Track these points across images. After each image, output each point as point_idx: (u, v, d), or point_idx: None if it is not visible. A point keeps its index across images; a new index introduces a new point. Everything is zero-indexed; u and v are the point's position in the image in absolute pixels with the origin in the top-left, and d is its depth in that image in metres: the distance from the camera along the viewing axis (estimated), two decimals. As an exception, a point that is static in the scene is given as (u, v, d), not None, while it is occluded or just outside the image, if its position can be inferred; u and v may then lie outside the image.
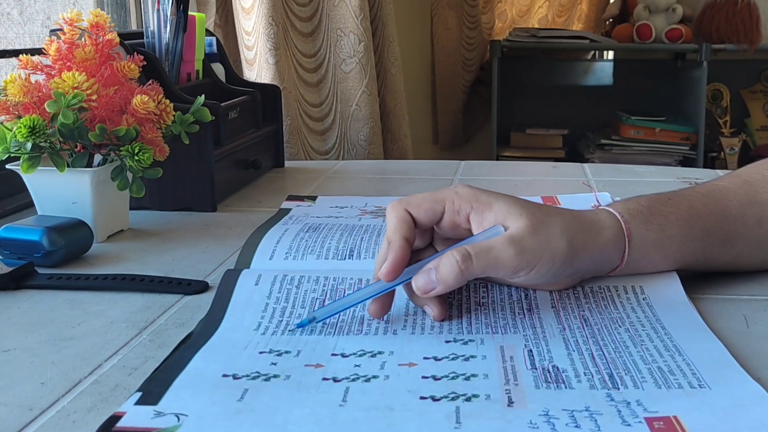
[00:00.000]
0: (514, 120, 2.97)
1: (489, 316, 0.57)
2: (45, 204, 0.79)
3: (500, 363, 0.49)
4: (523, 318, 0.56)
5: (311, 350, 0.52)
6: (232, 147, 0.99)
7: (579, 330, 0.54)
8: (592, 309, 0.58)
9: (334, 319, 0.57)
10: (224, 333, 0.55)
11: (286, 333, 0.54)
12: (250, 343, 0.53)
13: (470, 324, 0.56)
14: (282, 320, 0.57)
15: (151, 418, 0.43)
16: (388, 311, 0.57)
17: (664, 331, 0.54)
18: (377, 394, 0.45)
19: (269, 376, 0.48)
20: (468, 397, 0.45)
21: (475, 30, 2.80)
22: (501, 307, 0.58)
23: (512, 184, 1.06)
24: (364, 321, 0.56)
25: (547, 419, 0.42)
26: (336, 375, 0.48)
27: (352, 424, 0.42)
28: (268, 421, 0.42)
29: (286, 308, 0.59)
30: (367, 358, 0.50)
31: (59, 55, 0.77)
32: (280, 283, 0.62)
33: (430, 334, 0.54)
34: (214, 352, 0.51)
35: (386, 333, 0.55)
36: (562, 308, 0.58)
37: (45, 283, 0.66)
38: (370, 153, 1.59)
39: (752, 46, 2.68)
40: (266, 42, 1.39)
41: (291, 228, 0.77)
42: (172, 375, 0.48)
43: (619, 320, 0.56)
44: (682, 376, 0.47)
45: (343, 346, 0.52)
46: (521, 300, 0.59)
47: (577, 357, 0.50)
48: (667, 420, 0.42)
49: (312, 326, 0.55)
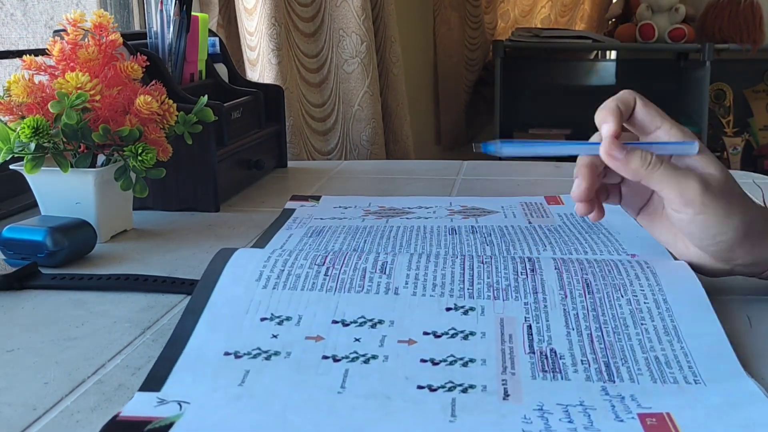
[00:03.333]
0: (517, 120, 2.96)
1: (491, 275, 0.57)
2: (48, 204, 0.79)
3: (499, 344, 0.50)
4: (525, 279, 0.57)
5: (312, 315, 0.52)
6: (235, 147, 0.99)
7: (580, 297, 0.54)
8: (595, 273, 0.58)
9: (336, 271, 0.57)
10: (224, 287, 0.56)
11: (288, 288, 0.55)
12: (252, 303, 0.53)
13: (472, 285, 0.56)
14: (284, 270, 0.57)
15: (154, 407, 0.43)
16: (593, 209, 0.60)
17: (665, 306, 0.54)
18: (376, 379, 0.46)
19: (270, 353, 0.49)
20: (464, 388, 0.45)
21: (478, 30, 2.80)
22: (504, 266, 0.58)
23: (515, 183, 1.06)
24: (366, 275, 0.57)
25: (541, 414, 0.43)
26: (336, 353, 0.49)
27: (350, 413, 0.43)
28: (268, 407, 0.43)
29: (288, 260, 0.59)
30: (367, 328, 0.51)
31: (63, 56, 0.78)
32: (281, 251, 0.63)
33: (431, 296, 0.55)
34: (216, 317, 0.52)
35: (388, 292, 0.55)
36: (565, 270, 0.58)
37: (48, 283, 0.66)
38: (373, 153, 1.60)
39: (755, 45, 2.68)
40: (269, 42, 1.39)
41: (295, 233, 0.78)
42: (176, 352, 0.49)
43: (621, 287, 0.56)
44: (678, 369, 0.47)
45: (344, 308, 0.53)
46: (524, 261, 0.59)
47: (575, 338, 0.50)
48: (659, 417, 0.42)
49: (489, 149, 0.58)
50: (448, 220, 0.82)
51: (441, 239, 0.74)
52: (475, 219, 0.82)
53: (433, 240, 0.74)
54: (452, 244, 0.73)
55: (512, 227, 0.78)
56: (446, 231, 0.77)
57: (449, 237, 0.75)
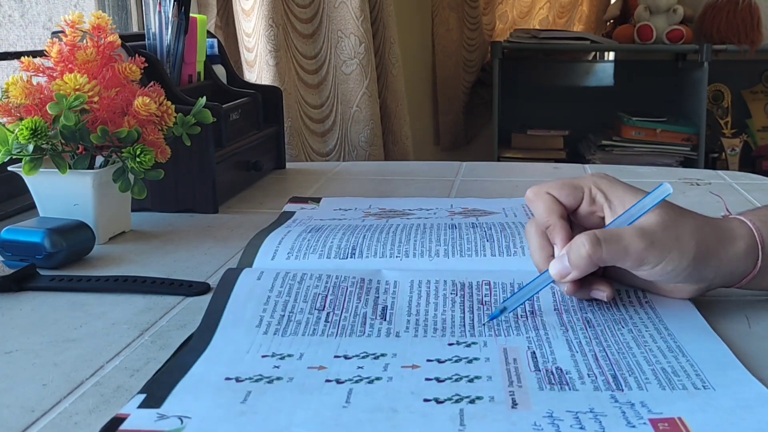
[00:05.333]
0: (516, 121, 2.96)
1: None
2: (47, 206, 0.79)
3: (503, 365, 0.49)
4: (525, 320, 0.56)
5: (314, 353, 0.51)
6: (233, 149, 0.99)
7: (582, 331, 0.54)
8: (594, 310, 0.58)
9: (336, 317, 0.57)
10: (226, 331, 0.55)
11: (289, 334, 0.54)
12: (253, 345, 0.53)
13: (473, 327, 0.55)
14: (284, 315, 0.57)
15: (155, 421, 0.43)
16: (581, 285, 0.58)
17: (667, 332, 0.54)
18: (381, 395, 0.45)
19: (272, 378, 0.48)
20: (472, 399, 0.44)
21: (476, 31, 2.80)
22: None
23: (513, 185, 1.06)
24: (366, 321, 0.56)
25: (552, 421, 0.42)
26: (339, 377, 0.48)
27: (356, 426, 0.42)
28: (272, 423, 0.42)
29: (288, 302, 0.59)
30: (370, 360, 0.50)
31: (61, 57, 0.78)
32: (282, 279, 0.62)
33: (433, 337, 0.54)
34: (217, 355, 0.51)
35: (389, 335, 0.54)
36: (564, 310, 0.58)
37: (47, 284, 0.66)
38: (371, 154, 1.59)
39: (753, 46, 2.68)
40: (266, 44, 1.39)
41: (294, 229, 0.78)
42: (175, 378, 0.48)
43: (622, 321, 0.56)
44: (686, 377, 0.47)
45: (346, 348, 0.52)
46: (524, 304, 0.59)
47: (580, 358, 0.50)
48: (671, 421, 0.42)
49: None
50: (448, 220, 0.82)
51: (441, 235, 0.73)
52: (476, 219, 0.82)
53: (432, 236, 0.73)
54: (452, 240, 0.72)
55: (513, 224, 0.78)
56: (446, 227, 0.76)
57: (449, 231, 0.74)
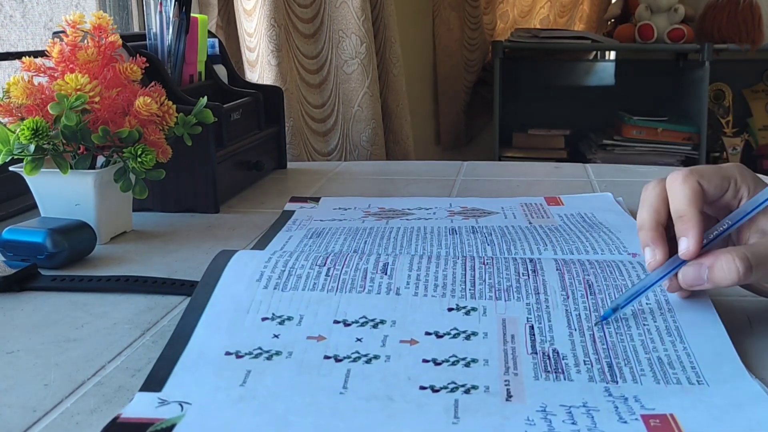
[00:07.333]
0: (516, 120, 2.96)
1: (493, 276, 0.57)
2: (48, 206, 0.79)
3: (501, 345, 0.50)
4: (527, 279, 0.57)
5: (313, 315, 0.52)
6: (234, 148, 0.99)
7: (582, 298, 0.55)
8: (597, 274, 0.58)
9: (337, 272, 0.57)
10: (226, 287, 0.56)
11: (289, 288, 0.55)
12: (253, 303, 0.53)
13: (474, 286, 0.56)
14: (284, 270, 0.57)
15: (155, 407, 0.43)
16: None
17: (668, 306, 0.54)
18: (378, 379, 0.46)
19: (271, 353, 0.49)
20: (467, 389, 0.45)
21: (477, 30, 2.80)
22: (506, 267, 0.58)
23: (515, 184, 1.06)
24: (367, 276, 0.57)
25: (545, 416, 0.42)
26: (337, 352, 0.49)
27: (352, 415, 0.43)
28: (270, 409, 0.43)
29: (289, 261, 0.59)
30: (368, 329, 0.51)
31: (62, 57, 0.78)
32: (281, 252, 0.63)
33: (433, 297, 0.55)
34: (217, 316, 0.52)
35: (389, 292, 0.55)
36: (566, 271, 0.58)
37: (48, 284, 0.66)
38: (373, 154, 1.60)
39: (754, 45, 2.68)
40: (268, 43, 1.39)
41: (295, 234, 0.78)
42: (177, 352, 0.49)
43: (623, 288, 0.56)
44: (681, 370, 0.47)
45: (346, 308, 0.53)
46: (526, 262, 0.59)
47: (578, 338, 0.50)
48: (663, 418, 0.42)
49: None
50: (448, 221, 0.82)
51: (442, 240, 0.74)
52: (476, 220, 0.82)
53: (433, 240, 0.74)
54: (453, 245, 0.72)
55: (513, 227, 0.78)
56: (447, 231, 0.77)
57: (450, 237, 0.75)
